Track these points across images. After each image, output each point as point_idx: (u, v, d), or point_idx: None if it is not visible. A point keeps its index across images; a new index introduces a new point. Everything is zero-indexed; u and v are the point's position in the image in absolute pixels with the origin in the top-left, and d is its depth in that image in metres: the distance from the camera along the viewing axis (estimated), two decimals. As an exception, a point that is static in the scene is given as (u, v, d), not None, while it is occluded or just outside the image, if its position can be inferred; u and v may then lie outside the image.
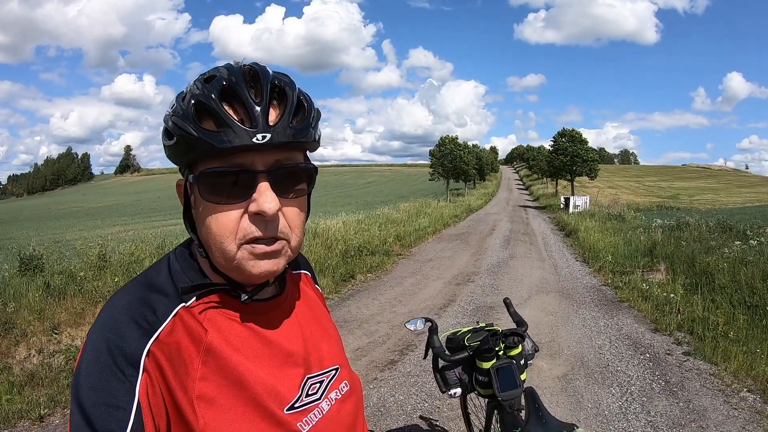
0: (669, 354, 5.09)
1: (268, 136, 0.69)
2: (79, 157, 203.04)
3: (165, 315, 0.74)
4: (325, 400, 0.85)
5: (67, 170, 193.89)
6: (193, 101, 0.70)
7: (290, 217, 0.75)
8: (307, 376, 0.84)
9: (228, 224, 0.71)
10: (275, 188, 0.71)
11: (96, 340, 0.71)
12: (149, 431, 0.68)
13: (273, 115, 0.71)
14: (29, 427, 3.71)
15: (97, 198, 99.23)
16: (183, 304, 0.75)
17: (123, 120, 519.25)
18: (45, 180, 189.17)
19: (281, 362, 0.81)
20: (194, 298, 0.76)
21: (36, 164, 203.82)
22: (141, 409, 0.67)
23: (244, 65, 0.74)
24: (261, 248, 0.72)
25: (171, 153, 0.75)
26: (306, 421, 0.80)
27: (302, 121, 0.74)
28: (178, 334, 0.73)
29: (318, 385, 0.85)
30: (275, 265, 0.75)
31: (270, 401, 0.77)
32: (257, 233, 0.71)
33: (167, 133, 0.74)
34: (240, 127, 0.68)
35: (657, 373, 4.56)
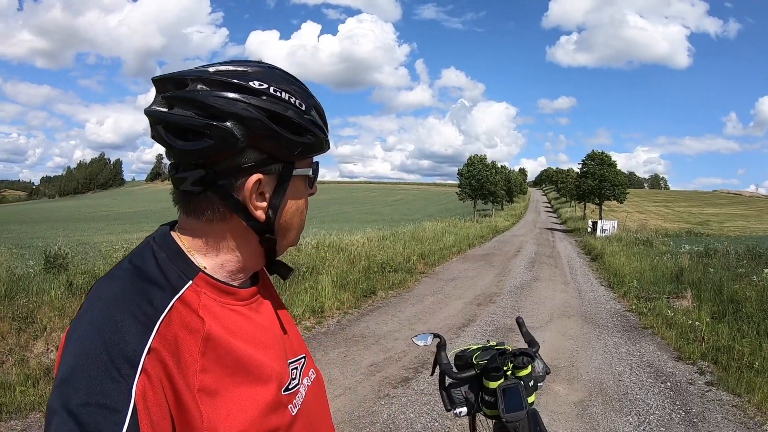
0: (691, 383, 4.93)
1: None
2: (111, 162, 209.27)
3: (162, 307, 0.70)
4: (302, 385, 0.88)
5: (99, 175, 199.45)
6: (315, 111, 0.83)
7: None
8: (289, 361, 0.87)
9: (305, 209, 0.89)
10: None
11: (89, 334, 0.67)
12: None
13: None
14: (40, 419, 3.76)
15: (127, 203, 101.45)
16: (177, 295, 0.73)
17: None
18: (77, 183, 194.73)
19: (272, 346, 0.83)
20: (186, 288, 0.74)
21: (69, 167, 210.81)
22: (137, 412, 0.63)
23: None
24: None
25: (287, 146, 0.79)
26: (295, 403, 0.83)
27: None
28: (176, 327, 0.70)
29: (296, 370, 0.88)
30: None
31: (271, 383, 0.78)
32: None
33: (299, 128, 0.80)
34: (328, 140, 0.87)
35: (677, 403, 4.42)
